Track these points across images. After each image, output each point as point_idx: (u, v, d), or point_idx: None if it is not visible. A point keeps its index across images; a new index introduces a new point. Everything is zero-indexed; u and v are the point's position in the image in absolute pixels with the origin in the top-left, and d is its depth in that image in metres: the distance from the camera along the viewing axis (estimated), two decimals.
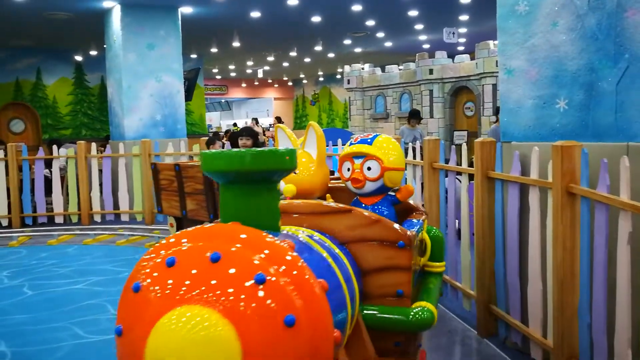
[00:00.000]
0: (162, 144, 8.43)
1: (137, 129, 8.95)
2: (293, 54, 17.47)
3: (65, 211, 8.26)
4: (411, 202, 2.56)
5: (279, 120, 18.34)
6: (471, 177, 3.86)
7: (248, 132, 6.41)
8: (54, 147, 8.40)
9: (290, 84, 27.30)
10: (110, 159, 8.44)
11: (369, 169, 2.27)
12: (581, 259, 2.74)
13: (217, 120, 30.17)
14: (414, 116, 9.60)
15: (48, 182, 8.24)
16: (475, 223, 3.70)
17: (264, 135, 18.02)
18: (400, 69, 14.58)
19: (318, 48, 15.40)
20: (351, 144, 2.36)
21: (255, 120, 19.48)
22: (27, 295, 4.80)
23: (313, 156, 2.35)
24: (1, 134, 13.63)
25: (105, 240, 7.04)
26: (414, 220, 2.22)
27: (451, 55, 13.26)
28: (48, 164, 8.39)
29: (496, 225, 3.53)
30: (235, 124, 20.07)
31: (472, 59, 12.50)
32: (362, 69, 15.65)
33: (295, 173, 2.21)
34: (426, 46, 16.18)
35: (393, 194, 2.38)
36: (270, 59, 18.54)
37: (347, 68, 16.01)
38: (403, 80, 14.32)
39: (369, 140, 2.33)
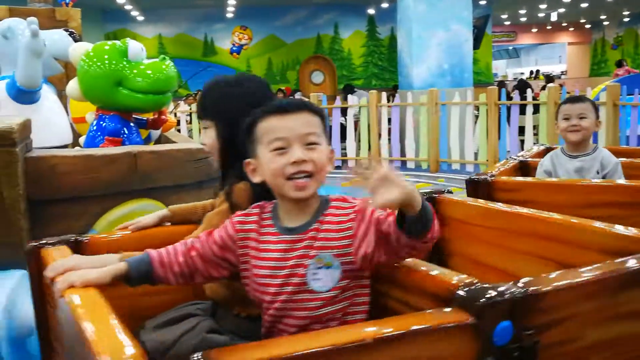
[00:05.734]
0: (449, 93, 8.43)
1: (425, 78, 9.07)
2: None
3: (357, 157, 8.88)
4: None
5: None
6: None
7: None
8: (349, 96, 9.04)
9: (587, 26, 24.80)
10: (398, 108, 8.75)
11: None
12: None
13: (502, 69, 29.02)
14: None
15: (343, 129, 8.95)
16: None
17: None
18: None
19: None
20: None
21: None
22: None
23: None
24: (304, 85, 15.17)
25: None
26: None
27: None
28: (343, 112, 9.06)
29: None
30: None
31: None
32: None
33: None
34: None
35: None
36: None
37: None
38: None
39: None
